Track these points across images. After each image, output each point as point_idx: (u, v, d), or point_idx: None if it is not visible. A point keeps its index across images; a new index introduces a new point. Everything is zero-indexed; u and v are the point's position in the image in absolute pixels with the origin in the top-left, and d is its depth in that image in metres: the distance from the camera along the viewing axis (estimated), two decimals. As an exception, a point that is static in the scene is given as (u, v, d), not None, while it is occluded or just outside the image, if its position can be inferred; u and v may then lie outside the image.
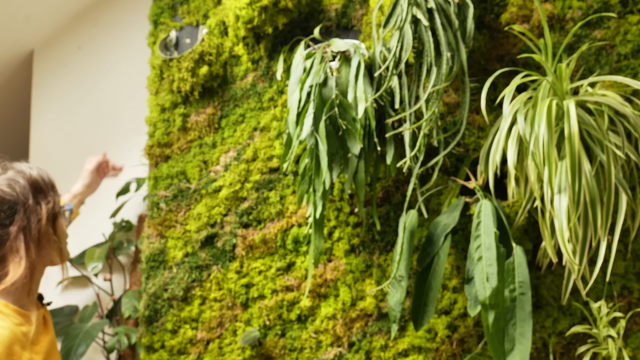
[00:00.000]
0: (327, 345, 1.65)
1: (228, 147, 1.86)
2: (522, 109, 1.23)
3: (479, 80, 1.53)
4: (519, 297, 1.24)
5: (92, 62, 2.40)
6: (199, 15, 1.97)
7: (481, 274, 1.25)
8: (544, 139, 1.16)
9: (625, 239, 1.40)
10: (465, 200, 1.46)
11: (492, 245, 1.26)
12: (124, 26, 2.31)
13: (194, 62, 1.88)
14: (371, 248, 1.63)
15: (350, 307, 1.64)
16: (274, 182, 1.77)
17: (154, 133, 1.97)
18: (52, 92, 2.52)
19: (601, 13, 1.42)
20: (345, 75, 1.49)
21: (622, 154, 1.22)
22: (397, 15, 1.42)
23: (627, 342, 1.41)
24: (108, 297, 2.11)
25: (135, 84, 2.16)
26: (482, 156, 1.40)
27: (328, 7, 1.75)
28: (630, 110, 1.26)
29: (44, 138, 2.52)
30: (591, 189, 1.17)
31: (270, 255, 1.75)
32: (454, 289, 1.54)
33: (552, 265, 1.44)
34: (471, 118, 1.55)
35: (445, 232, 1.41)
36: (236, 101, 1.87)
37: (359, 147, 1.48)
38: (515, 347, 1.22)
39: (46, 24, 2.49)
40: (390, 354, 1.58)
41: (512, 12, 1.50)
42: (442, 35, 1.35)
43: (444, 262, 1.40)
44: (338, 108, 1.46)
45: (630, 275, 1.42)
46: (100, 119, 2.34)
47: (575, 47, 1.45)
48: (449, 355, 1.53)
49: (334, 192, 1.67)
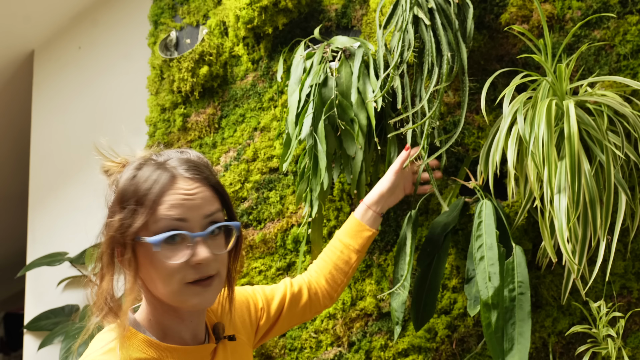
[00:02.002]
0: (327, 345, 1.65)
1: (228, 147, 1.86)
2: (521, 109, 1.23)
3: (478, 80, 1.53)
4: (518, 297, 1.24)
5: (93, 62, 2.40)
6: (199, 15, 1.98)
7: (483, 274, 1.26)
8: (543, 139, 1.16)
9: (624, 238, 1.40)
10: (465, 200, 1.46)
11: (493, 245, 1.27)
12: (124, 26, 2.31)
13: (194, 62, 1.88)
14: (371, 248, 1.64)
15: (350, 307, 1.64)
16: (274, 182, 1.77)
17: (154, 133, 1.97)
18: (52, 92, 2.52)
19: (601, 13, 1.43)
20: (345, 76, 1.50)
21: (621, 154, 1.23)
22: (398, 15, 1.42)
23: (626, 341, 1.41)
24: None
25: (135, 84, 2.17)
26: (482, 156, 1.40)
27: (328, 7, 1.75)
28: (630, 110, 1.26)
29: (44, 138, 2.52)
30: (591, 189, 1.17)
31: (270, 255, 1.75)
32: (453, 289, 1.54)
33: (551, 265, 1.44)
34: (471, 118, 1.55)
35: (445, 232, 1.41)
36: (236, 101, 1.87)
37: (358, 148, 1.48)
38: (514, 347, 1.22)
39: (46, 24, 2.49)
40: (390, 354, 1.58)
41: (511, 12, 1.50)
42: (443, 35, 1.36)
43: (443, 262, 1.40)
44: (337, 108, 1.47)
45: (630, 274, 1.42)
46: (100, 119, 2.34)
47: (574, 48, 1.46)
48: (449, 355, 1.54)
49: (334, 192, 1.68)
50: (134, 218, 0.95)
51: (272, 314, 1.27)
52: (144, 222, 0.95)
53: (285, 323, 1.31)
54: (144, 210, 0.95)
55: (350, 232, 1.40)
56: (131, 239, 0.96)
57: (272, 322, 1.28)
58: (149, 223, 0.96)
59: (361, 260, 1.42)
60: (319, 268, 1.38)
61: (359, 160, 1.49)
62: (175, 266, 0.96)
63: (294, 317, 1.32)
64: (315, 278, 1.37)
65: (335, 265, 1.37)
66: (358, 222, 1.40)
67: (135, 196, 0.96)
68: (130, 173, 0.99)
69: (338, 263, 1.37)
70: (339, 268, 1.37)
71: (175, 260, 0.96)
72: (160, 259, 0.96)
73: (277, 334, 1.31)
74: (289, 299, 1.30)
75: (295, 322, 1.34)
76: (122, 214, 0.96)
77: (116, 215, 0.96)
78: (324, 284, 1.36)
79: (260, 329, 1.26)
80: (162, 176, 0.98)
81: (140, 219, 0.95)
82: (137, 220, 0.95)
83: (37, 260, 2.20)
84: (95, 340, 1.01)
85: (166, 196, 0.97)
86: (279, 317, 1.29)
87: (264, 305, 1.27)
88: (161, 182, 0.97)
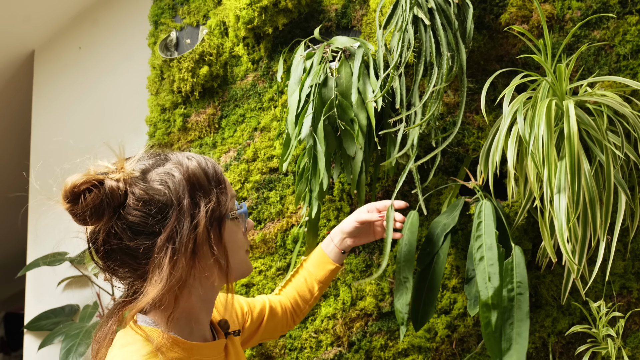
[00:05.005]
0: (327, 344, 1.65)
1: (228, 147, 1.86)
2: (521, 109, 1.23)
3: (478, 81, 1.53)
4: (517, 297, 1.24)
5: (93, 62, 2.41)
6: (199, 15, 1.98)
7: (483, 274, 1.26)
8: (543, 139, 1.16)
9: (624, 238, 1.40)
10: (465, 200, 1.46)
11: (493, 245, 1.27)
12: (125, 26, 2.31)
13: (194, 63, 1.88)
14: (371, 248, 1.64)
15: (350, 307, 1.64)
16: (274, 182, 1.78)
17: (155, 133, 1.97)
18: (52, 92, 2.53)
19: (600, 13, 1.43)
20: (345, 76, 1.50)
21: (621, 154, 1.23)
22: (397, 15, 1.42)
23: (626, 341, 1.41)
24: (108, 297, 2.12)
25: (136, 84, 2.17)
26: (482, 156, 1.40)
27: (328, 8, 1.75)
28: (629, 110, 1.26)
29: (45, 138, 2.52)
30: (590, 189, 1.17)
31: (270, 255, 1.75)
32: (453, 289, 1.54)
33: (551, 264, 1.44)
34: (471, 118, 1.55)
35: (445, 232, 1.41)
36: (236, 101, 1.87)
37: (357, 148, 1.48)
38: (512, 347, 1.22)
39: (47, 25, 2.50)
40: (390, 354, 1.58)
41: (511, 12, 1.50)
42: (443, 36, 1.36)
43: (443, 262, 1.40)
44: (337, 108, 1.47)
45: (630, 274, 1.42)
46: (100, 119, 2.34)
47: (574, 48, 1.46)
48: (449, 355, 1.54)
49: (334, 192, 1.68)
50: (223, 198, 1.03)
51: (254, 320, 1.32)
52: (227, 201, 1.04)
53: (262, 334, 1.36)
54: (225, 190, 1.04)
55: (315, 261, 1.45)
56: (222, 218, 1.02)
57: (254, 329, 1.33)
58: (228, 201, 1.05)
59: (323, 291, 1.46)
60: (286, 292, 1.45)
61: (359, 160, 1.49)
62: (242, 236, 1.08)
63: (270, 331, 1.37)
64: (284, 300, 1.43)
65: (300, 292, 1.44)
66: (322, 252, 1.44)
67: (214, 179, 1.03)
68: (190, 162, 1.02)
69: (302, 290, 1.44)
70: (302, 295, 1.43)
71: (240, 231, 1.08)
72: (236, 232, 1.06)
73: (252, 344, 1.36)
74: (268, 310, 1.36)
75: (268, 336, 1.39)
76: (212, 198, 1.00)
77: (202, 202, 0.99)
78: (290, 307, 1.43)
79: (244, 331, 1.30)
80: (211, 160, 1.07)
81: (226, 198, 1.03)
82: (225, 200, 1.03)
83: (37, 260, 2.20)
84: (125, 344, 0.96)
85: (225, 177, 1.07)
86: (261, 325, 1.34)
87: (249, 309, 1.32)
88: (216, 165, 1.07)
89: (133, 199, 0.96)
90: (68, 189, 0.95)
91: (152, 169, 1.00)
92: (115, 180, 0.96)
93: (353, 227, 1.40)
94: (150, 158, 1.03)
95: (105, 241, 0.98)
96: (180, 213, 0.96)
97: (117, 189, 0.95)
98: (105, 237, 0.98)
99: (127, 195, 0.96)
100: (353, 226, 1.40)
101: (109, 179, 0.96)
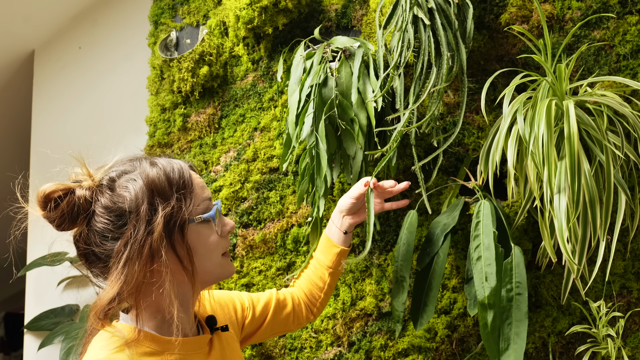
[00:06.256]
0: (327, 344, 1.65)
1: (228, 147, 1.86)
2: (521, 109, 1.23)
3: (478, 81, 1.53)
4: (516, 297, 1.24)
5: (93, 62, 2.41)
6: (199, 15, 1.98)
7: (480, 274, 1.26)
8: (543, 139, 1.16)
9: (624, 238, 1.40)
10: (465, 200, 1.46)
11: (491, 245, 1.27)
12: (125, 26, 2.31)
13: (194, 63, 1.88)
14: (371, 248, 1.64)
15: (350, 307, 1.64)
16: (274, 182, 1.78)
17: (155, 133, 1.97)
18: (52, 92, 2.53)
19: (600, 13, 1.43)
20: (345, 76, 1.50)
21: (621, 154, 1.23)
22: (397, 15, 1.42)
23: (626, 341, 1.41)
24: (108, 297, 2.11)
25: (136, 84, 2.17)
26: (482, 156, 1.40)
27: (328, 8, 1.75)
28: (629, 110, 1.27)
29: (45, 138, 2.52)
30: (590, 189, 1.17)
31: (270, 255, 1.75)
32: (453, 289, 1.54)
33: (551, 264, 1.44)
34: (471, 118, 1.55)
35: (445, 232, 1.41)
36: (236, 101, 1.87)
37: (358, 148, 1.48)
38: (510, 347, 1.22)
39: (47, 25, 2.50)
40: (390, 354, 1.58)
41: (511, 12, 1.50)
42: (443, 36, 1.36)
43: (443, 262, 1.40)
44: (337, 108, 1.47)
45: (630, 274, 1.42)
46: (100, 119, 2.34)
47: (574, 48, 1.46)
48: (449, 355, 1.54)
49: (334, 192, 1.68)
50: (185, 203, 1.03)
51: (257, 315, 1.32)
52: (191, 205, 1.04)
53: (269, 329, 1.35)
54: (189, 195, 1.04)
55: (321, 248, 1.45)
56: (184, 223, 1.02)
57: (257, 324, 1.33)
58: (194, 206, 1.05)
59: (337, 277, 1.45)
60: (299, 283, 1.45)
61: (359, 160, 1.49)
62: (216, 239, 1.07)
63: (278, 325, 1.37)
64: (297, 291, 1.43)
65: (311, 281, 1.44)
66: (327, 237, 1.45)
67: (176, 184, 1.04)
68: (152, 169, 1.04)
69: (313, 279, 1.44)
70: (314, 284, 1.43)
71: (214, 234, 1.07)
72: (206, 235, 1.06)
73: (261, 339, 1.36)
74: (274, 304, 1.36)
75: (279, 330, 1.39)
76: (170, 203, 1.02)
77: (160, 207, 1.01)
78: (305, 298, 1.43)
79: (245, 328, 1.31)
80: (181, 164, 1.07)
81: (189, 203, 1.04)
82: (188, 205, 1.04)
83: (37, 260, 2.20)
84: (98, 341, 1.03)
85: (194, 181, 1.07)
86: (265, 321, 1.34)
87: (250, 305, 1.32)
88: (185, 169, 1.06)
89: (100, 206, 1.02)
90: (41, 196, 1.02)
91: (121, 177, 1.04)
92: (86, 188, 1.02)
93: (350, 204, 1.41)
94: (125, 164, 1.07)
95: (81, 245, 1.05)
96: (137, 219, 1.00)
97: (86, 197, 1.02)
98: (81, 241, 1.05)
99: (95, 203, 1.02)
100: (349, 202, 1.41)
101: (80, 187, 1.02)
